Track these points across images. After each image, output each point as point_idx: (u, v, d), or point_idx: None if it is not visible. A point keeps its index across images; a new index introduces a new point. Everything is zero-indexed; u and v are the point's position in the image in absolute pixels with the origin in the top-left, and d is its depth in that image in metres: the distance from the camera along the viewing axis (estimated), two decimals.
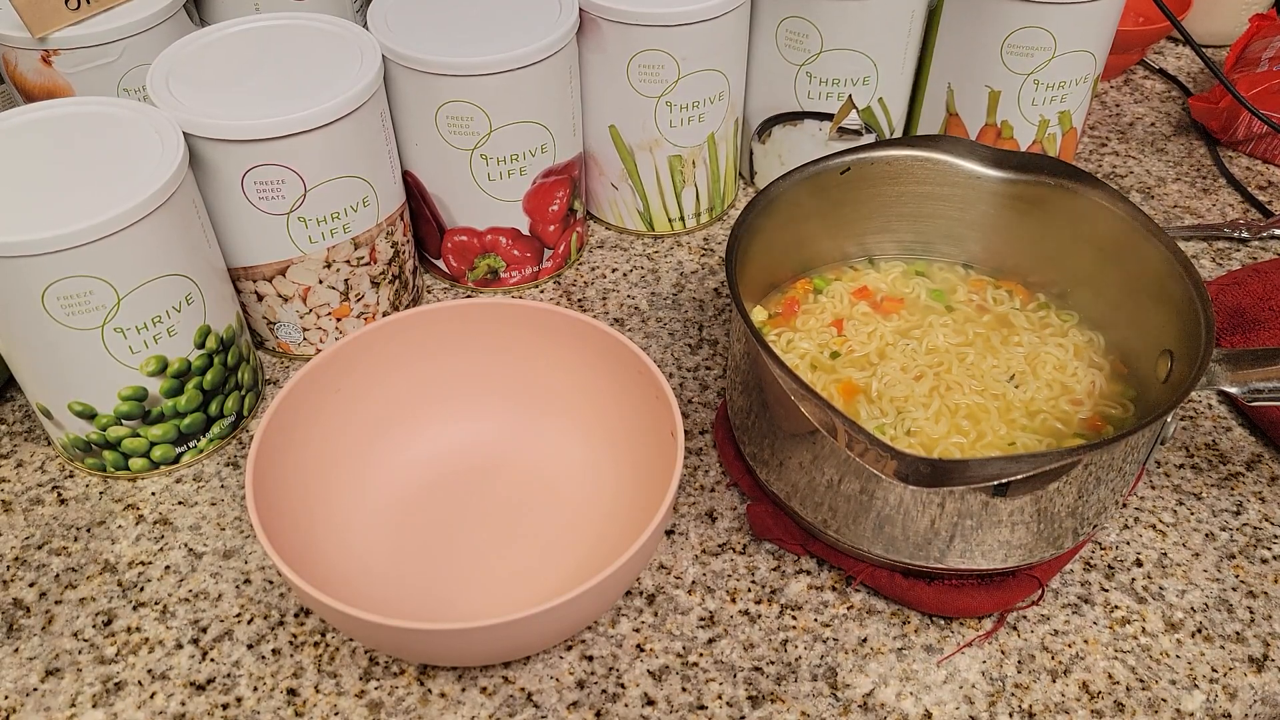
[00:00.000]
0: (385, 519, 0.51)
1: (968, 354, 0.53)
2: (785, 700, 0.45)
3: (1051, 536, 0.45)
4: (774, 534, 0.50)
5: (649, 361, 0.49)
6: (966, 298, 0.56)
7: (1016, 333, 0.54)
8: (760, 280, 0.55)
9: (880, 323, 0.55)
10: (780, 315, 0.56)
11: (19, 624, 0.48)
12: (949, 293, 0.56)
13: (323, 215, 0.55)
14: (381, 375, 0.53)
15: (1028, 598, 0.48)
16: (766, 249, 0.52)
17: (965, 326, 0.54)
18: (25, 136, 0.50)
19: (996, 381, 0.51)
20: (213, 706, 0.45)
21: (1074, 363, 0.52)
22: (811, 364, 0.53)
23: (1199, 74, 0.85)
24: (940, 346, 0.53)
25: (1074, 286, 0.55)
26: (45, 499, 0.54)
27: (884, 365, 0.52)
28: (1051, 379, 0.51)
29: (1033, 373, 0.52)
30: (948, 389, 0.51)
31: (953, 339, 0.54)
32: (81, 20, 0.57)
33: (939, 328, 0.54)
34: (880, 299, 0.56)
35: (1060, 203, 0.52)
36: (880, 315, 0.55)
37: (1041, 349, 0.53)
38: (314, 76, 0.53)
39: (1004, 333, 0.54)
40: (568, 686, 0.46)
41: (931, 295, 0.56)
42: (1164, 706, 0.45)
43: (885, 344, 0.53)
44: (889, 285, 0.57)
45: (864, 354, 0.53)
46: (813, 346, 0.54)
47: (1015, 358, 0.52)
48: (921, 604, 0.47)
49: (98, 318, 0.48)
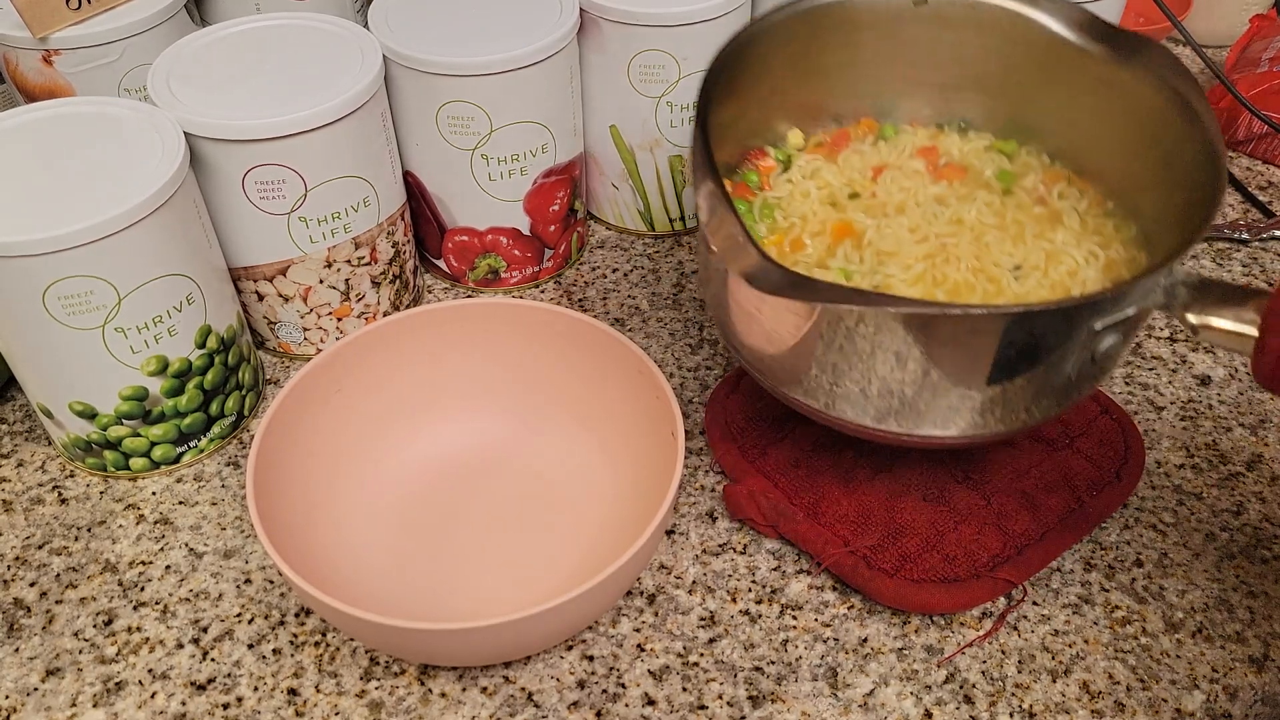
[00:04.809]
0: (386, 518, 0.51)
1: (989, 235, 0.49)
2: (786, 700, 0.45)
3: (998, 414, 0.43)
4: (746, 513, 0.50)
5: (649, 361, 0.49)
6: (1034, 186, 0.51)
7: (1059, 230, 0.49)
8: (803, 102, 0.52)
9: (925, 184, 0.51)
10: (826, 145, 0.53)
11: (19, 624, 0.48)
12: (1020, 176, 0.52)
13: (323, 215, 0.55)
14: (382, 375, 0.53)
15: (994, 599, 0.48)
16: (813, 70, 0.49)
17: (1008, 211, 0.50)
18: (26, 136, 0.50)
19: (998, 267, 0.47)
20: (213, 706, 0.45)
21: (1088, 272, 0.47)
22: (829, 199, 0.50)
23: (1199, 74, 0.85)
24: (967, 220, 0.49)
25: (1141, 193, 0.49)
26: (46, 499, 0.54)
27: (895, 220, 0.49)
28: (1058, 281, 0.47)
29: (1044, 271, 0.47)
30: (945, 260, 0.47)
31: (987, 218, 0.49)
32: (82, 20, 0.57)
33: (981, 203, 0.50)
34: (943, 164, 0.52)
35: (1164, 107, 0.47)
36: (930, 178, 0.51)
37: (1069, 250, 0.48)
38: (315, 76, 0.53)
39: (1045, 227, 0.49)
40: (568, 686, 0.46)
41: (999, 176, 0.52)
42: (1164, 706, 0.45)
43: (914, 202, 0.50)
44: (960, 153, 0.53)
45: (882, 202, 0.49)
46: (838, 182, 0.50)
47: (1036, 251, 0.48)
48: (881, 596, 0.47)
49: (98, 317, 0.48)
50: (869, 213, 0.50)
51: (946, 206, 0.50)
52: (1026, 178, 0.52)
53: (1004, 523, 0.49)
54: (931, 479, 0.51)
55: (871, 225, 0.49)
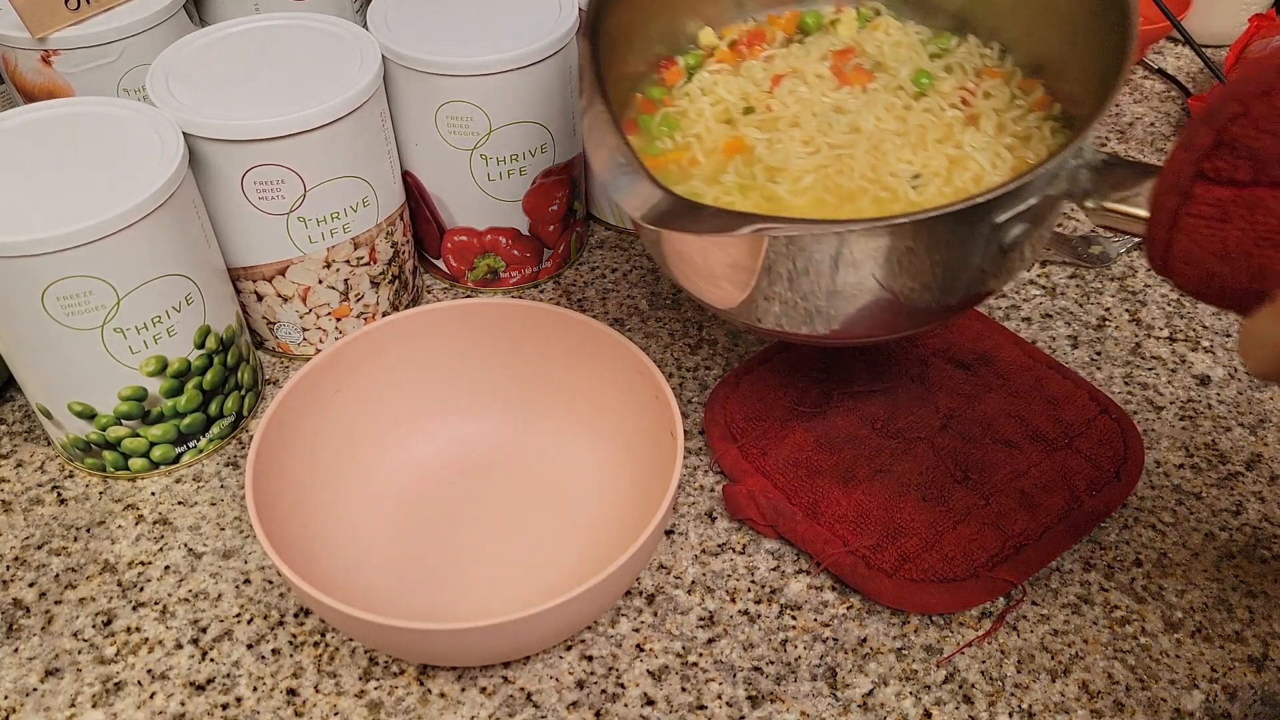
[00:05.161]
0: (385, 519, 0.51)
1: (888, 143, 0.47)
2: (785, 700, 0.45)
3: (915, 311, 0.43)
4: (745, 513, 0.50)
5: (649, 361, 0.49)
6: (954, 89, 0.49)
7: (970, 133, 0.47)
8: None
9: (824, 91, 0.49)
10: (736, 46, 0.51)
11: (19, 624, 0.48)
12: (940, 79, 0.50)
13: (322, 215, 0.55)
14: (381, 375, 0.53)
15: (993, 600, 0.48)
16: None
17: (913, 116, 0.48)
18: (25, 137, 0.50)
19: (894, 176, 0.46)
20: (212, 706, 0.45)
21: (994, 177, 0.45)
22: (724, 115, 0.49)
23: (1199, 74, 0.85)
24: (865, 129, 0.47)
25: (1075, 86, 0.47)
26: (45, 499, 0.54)
27: (787, 133, 0.47)
28: (961, 188, 0.45)
29: (945, 178, 0.45)
30: (839, 171, 0.46)
31: (888, 124, 0.47)
32: (81, 20, 0.57)
33: (882, 109, 0.48)
34: (851, 66, 0.50)
35: None
36: (834, 81, 0.50)
37: (974, 155, 0.46)
38: (314, 76, 0.53)
39: (954, 132, 0.47)
40: (567, 686, 0.46)
41: (915, 77, 0.49)
42: (1163, 706, 0.45)
43: (810, 113, 0.48)
44: (881, 50, 0.51)
45: (776, 116, 0.48)
46: (733, 96, 0.49)
47: (938, 157, 0.46)
48: (880, 596, 0.47)
49: (98, 318, 0.48)
50: (763, 127, 0.48)
51: (845, 114, 0.48)
52: (948, 80, 0.50)
53: (1003, 522, 0.49)
54: (931, 479, 0.51)
55: (762, 140, 0.48)
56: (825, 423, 0.54)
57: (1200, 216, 0.32)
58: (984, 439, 0.53)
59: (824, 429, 0.53)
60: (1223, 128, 0.32)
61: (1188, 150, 0.33)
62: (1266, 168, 0.31)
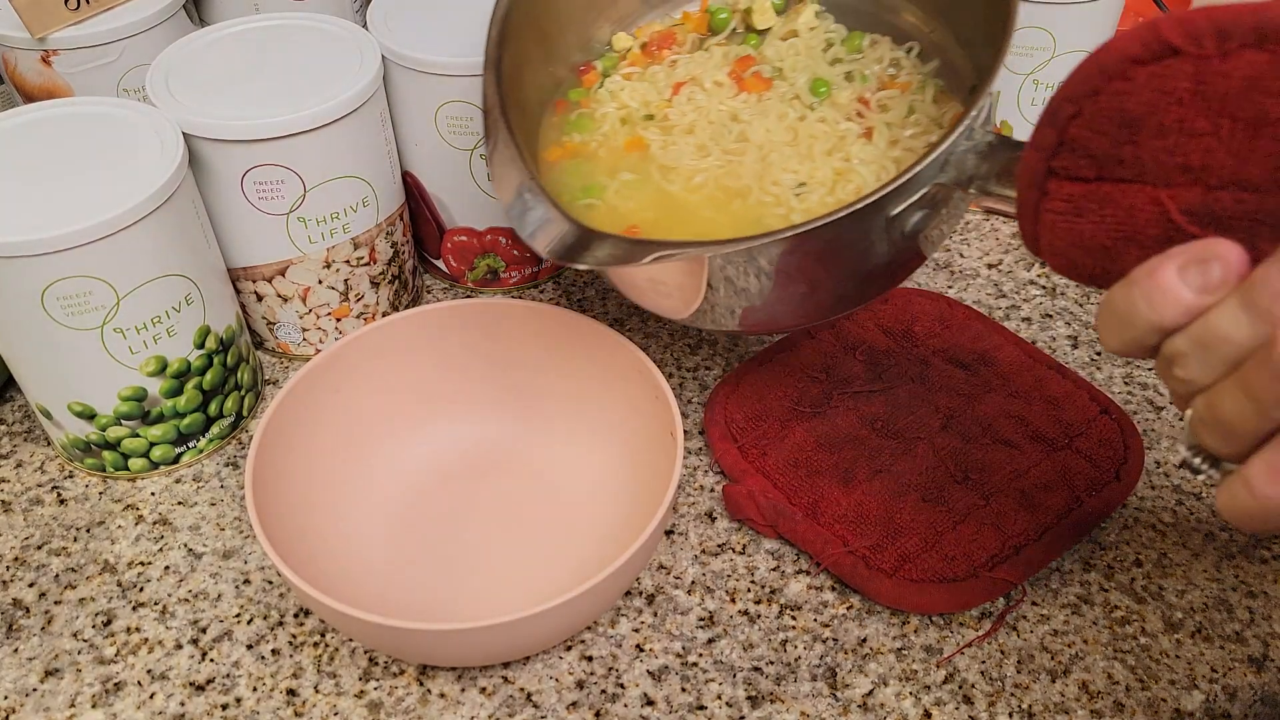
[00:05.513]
0: (384, 518, 0.51)
1: (775, 154, 0.48)
2: (785, 700, 0.45)
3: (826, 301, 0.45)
4: (745, 513, 0.50)
5: (649, 362, 0.49)
6: (853, 98, 0.49)
7: (859, 145, 0.47)
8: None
9: (723, 100, 0.50)
10: (648, 48, 0.53)
11: (18, 624, 0.48)
12: (840, 88, 0.50)
13: (322, 215, 0.55)
14: (381, 375, 0.53)
15: (993, 600, 0.48)
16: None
17: (805, 126, 0.49)
18: (25, 137, 0.50)
19: (777, 185, 0.47)
20: (212, 707, 0.45)
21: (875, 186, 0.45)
22: (627, 119, 0.51)
23: None
24: (754, 138, 0.48)
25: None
26: (45, 499, 0.54)
27: (684, 139, 0.49)
28: (843, 199, 0.46)
29: (830, 188, 0.46)
30: (728, 174, 0.48)
31: (777, 134, 0.48)
32: (81, 20, 0.57)
33: (775, 119, 0.49)
34: (751, 74, 0.51)
35: None
36: (733, 89, 0.51)
37: (858, 169, 0.47)
38: (314, 76, 0.53)
39: (845, 142, 0.48)
40: (567, 687, 0.46)
41: (813, 87, 0.50)
42: (1163, 706, 0.45)
43: (706, 120, 0.50)
44: (779, 57, 0.51)
45: (673, 124, 0.50)
46: (636, 104, 0.51)
47: (825, 168, 0.47)
48: (880, 596, 0.47)
49: (97, 318, 0.48)
50: (661, 130, 0.50)
51: (738, 123, 0.50)
52: (848, 90, 0.50)
53: (1003, 522, 0.49)
54: (930, 479, 0.51)
55: (658, 141, 0.50)
56: (825, 423, 0.54)
57: (1056, 212, 0.33)
58: (984, 439, 0.53)
59: (824, 429, 0.53)
60: (1062, 128, 0.32)
61: (1037, 150, 0.33)
62: (1107, 165, 0.32)
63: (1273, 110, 0.28)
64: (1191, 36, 0.29)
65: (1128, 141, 0.31)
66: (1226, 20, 0.28)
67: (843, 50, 0.52)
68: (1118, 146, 0.31)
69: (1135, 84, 0.30)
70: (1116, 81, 0.30)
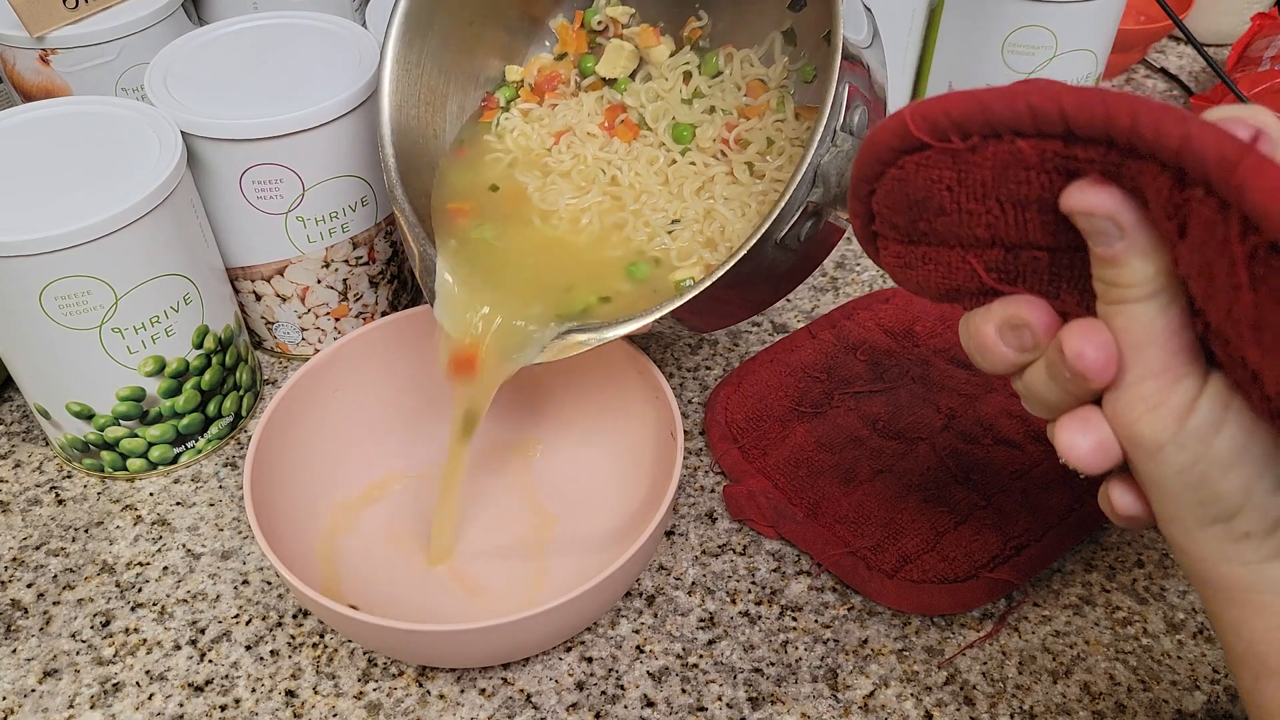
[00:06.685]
0: (384, 519, 0.51)
1: (643, 198, 0.50)
2: (785, 702, 0.45)
3: (752, 304, 0.47)
4: (746, 514, 0.50)
5: (649, 362, 0.49)
6: (714, 138, 0.51)
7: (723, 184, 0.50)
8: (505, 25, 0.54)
9: (597, 149, 0.52)
10: (537, 86, 0.55)
11: (17, 625, 0.48)
12: (704, 124, 0.51)
13: (321, 215, 0.54)
14: (380, 375, 0.52)
15: (994, 600, 0.48)
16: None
17: (675, 169, 0.51)
18: (23, 136, 0.50)
19: (649, 226, 0.49)
20: (211, 708, 0.45)
21: (737, 225, 0.48)
22: (512, 162, 0.53)
23: (1200, 73, 0.85)
24: (625, 183, 0.51)
25: None
26: (43, 499, 0.54)
27: (560, 183, 0.52)
28: (711, 236, 0.48)
29: (700, 227, 0.49)
30: (607, 211, 0.50)
31: (648, 179, 0.51)
32: (79, 19, 0.57)
33: (645, 164, 0.51)
34: (620, 122, 0.53)
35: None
36: (606, 137, 0.53)
37: (720, 209, 0.49)
38: (313, 76, 0.53)
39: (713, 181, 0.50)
40: (567, 688, 0.45)
41: (675, 134, 0.51)
42: (1165, 708, 0.45)
43: (583, 166, 0.52)
44: (642, 105, 0.53)
45: (551, 170, 0.52)
46: (519, 152, 0.53)
47: (696, 206, 0.49)
48: (881, 597, 0.47)
49: (95, 318, 0.47)
50: (541, 174, 0.52)
51: (611, 169, 0.52)
52: (711, 128, 0.51)
53: (1004, 523, 0.49)
54: (932, 479, 0.51)
55: (536, 185, 0.52)
56: (826, 423, 0.54)
57: (890, 265, 0.35)
58: (985, 439, 0.52)
59: (825, 429, 0.53)
60: (865, 202, 0.33)
61: (855, 217, 0.34)
62: (913, 234, 0.33)
63: (1027, 192, 0.29)
64: (935, 131, 0.29)
65: (920, 218, 0.32)
66: (959, 115, 0.28)
67: (702, 80, 0.53)
68: (913, 222, 0.32)
69: (907, 171, 0.31)
70: (892, 169, 0.31)
